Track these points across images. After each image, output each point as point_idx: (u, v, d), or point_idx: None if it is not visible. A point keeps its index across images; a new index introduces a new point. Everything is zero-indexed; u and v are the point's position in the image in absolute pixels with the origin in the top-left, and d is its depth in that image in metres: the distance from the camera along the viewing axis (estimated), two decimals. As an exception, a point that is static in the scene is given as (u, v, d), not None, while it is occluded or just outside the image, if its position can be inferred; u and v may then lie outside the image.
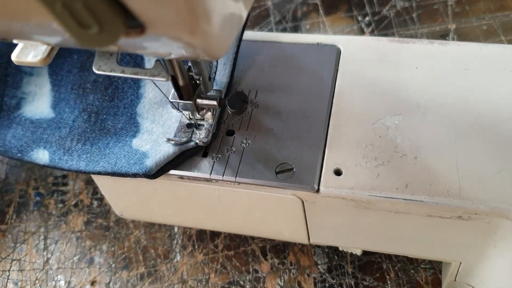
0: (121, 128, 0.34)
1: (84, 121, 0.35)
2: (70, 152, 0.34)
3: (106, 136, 0.34)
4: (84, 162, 0.33)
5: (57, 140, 0.35)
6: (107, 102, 0.35)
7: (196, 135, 0.31)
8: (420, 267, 0.39)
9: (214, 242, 0.43)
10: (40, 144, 0.35)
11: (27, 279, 0.43)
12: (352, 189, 0.28)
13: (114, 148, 0.33)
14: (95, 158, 0.33)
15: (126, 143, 0.33)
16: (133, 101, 0.35)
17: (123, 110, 0.35)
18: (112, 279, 0.42)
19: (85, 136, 0.34)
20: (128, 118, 0.34)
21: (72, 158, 0.33)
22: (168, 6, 0.15)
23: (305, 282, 0.40)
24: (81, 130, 0.34)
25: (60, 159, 0.34)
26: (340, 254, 0.41)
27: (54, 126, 0.35)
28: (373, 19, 0.55)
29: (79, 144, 0.34)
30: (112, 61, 0.26)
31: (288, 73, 0.35)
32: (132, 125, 0.34)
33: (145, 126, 0.34)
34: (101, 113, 0.35)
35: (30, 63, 0.24)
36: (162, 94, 0.34)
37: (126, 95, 0.35)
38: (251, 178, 0.30)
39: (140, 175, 0.31)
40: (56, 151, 0.34)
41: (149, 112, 0.34)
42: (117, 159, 0.32)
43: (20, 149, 0.35)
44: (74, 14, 0.14)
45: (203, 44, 0.17)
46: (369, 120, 0.31)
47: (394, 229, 0.31)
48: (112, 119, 0.35)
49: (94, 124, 0.35)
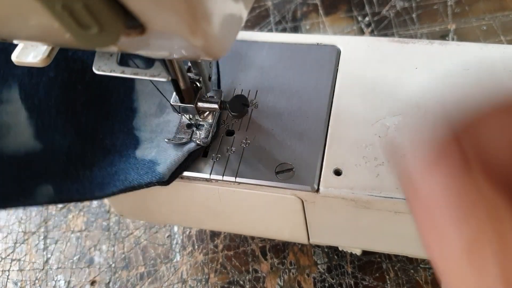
0: (120, 144, 0.33)
1: (81, 145, 0.32)
2: (78, 181, 0.31)
3: (108, 156, 0.32)
4: (97, 188, 0.30)
5: (58, 171, 0.31)
6: (101, 122, 0.33)
7: (196, 135, 0.31)
8: (420, 267, 0.39)
9: (214, 242, 0.43)
10: (39, 181, 0.30)
11: (27, 279, 0.43)
12: (352, 189, 0.28)
13: (119, 164, 0.31)
14: (107, 179, 0.31)
15: (129, 156, 0.32)
16: (128, 116, 0.34)
17: (118, 126, 0.33)
18: (112, 279, 0.42)
19: (88, 160, 0.32)
20: (125, 134, 0.33)
21: (83, 186, 0.31)
22: (168, 6, 0.15)
23: (304, 282, 0.40)
24: (80, 155, 0.32)
25: (69, 190, 0.30)
26: (339, 254, 0.41)
27: (47, 158, 0.31)
28: (373, 19, 0.55)
29: (87, 171, 0.31)
30: (112, 62, 0.26)
31: (288, 73, 0.35)
32: (131, 139, 0.33)
33: (144, 137, 0.33)
34: (96, 133, 0.33)
35: (31, 63, 0.24)
36: (156, 106, 0.34)
37: (120, 111, 0.34)
38: (251, 178, 0.30)
39: (154, 183, 0.29)
40: (61, 182, 0.31)
41: (145, 124, 0.33)
42: (126, 173, 0.31)
43: (18, 192, 0.30)
44: (74, 15, 0.14)
45: (203, 44, 0.17)
46: (369, 120, 0.31)
47: (393, 229, 0.31)
48: (110, 137, 0.33)
49: (93, 145, 0.32)
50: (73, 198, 0.30)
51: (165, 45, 0.18)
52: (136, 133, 0.33)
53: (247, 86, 0.34)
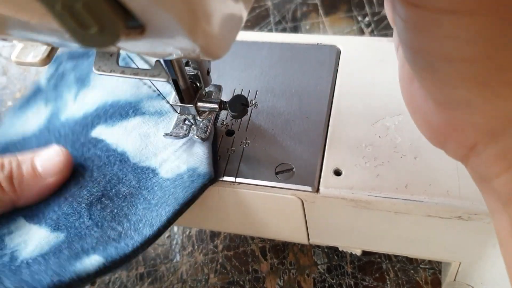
0: (137, 182, 0.31)
1: (101, 210, 0.30)
2: (124, 237, 0.28)
3: (136, 197, 0.30)
4: (147, 228, 0.28)
5: (96, 242, 0.28)
6: (103, 181, 0.32)
7: (194, 131, 0.31)
8: (420, 267, 0.39)
9: (213, 242, 0.43)
10: (78, 256, 0.28)
11: (26, 279, 0.43)
12: (351, 189, 0.28)
13: (156, 194, 0.30)
14: (152, 215, 0.29)
15: (159, 182, 0.30)
16: (122, 160, 0.32)
17: (121, 172, 0.32)
18: (112, 279, 0.42)
19: (120, 216, 0.30)
20: (134, 172, 0.31)
21: (131, 237, 0.28)
22: (168, 6, 0.15)
23: (304, 282, 0.40)
24: (109, 218, 0.30)
25: (116, 248, 0.28)
26: (339, 254, 0.41)
27: (77, 239, 0.29)
28: (373, 19, 0.55)
29: (126, 224, 0.29)
30: (112, 62, 0.26)
31: (288, 73, 0.35)
32: (144, 171, 0.31)
33: (154, 162, 0.31)
34: (107, 192, 0.31)
35: (30, 63, 0.24)
36: (139, 137, 0.33)
37: (112, 163, 0.32)
38: (251, 178, 0.30)
39: (207, 184, 0.29)
40: (106, 247, 0.28)
41: (143, 154, 0.32)
42: (173, 194, 0.29)
43: (54, 274, 0.27)
44: (74, 15, 0.14)
45: (203, 44, 0.17)
46: (368, 120, 0.31)
47: (393, 229, 0.31)
48: (122, 185, 0.31)
49: (113, 203, 0.30)
50: (126, 254, 0.27)
51: (165, 45, 0.18)
52: (142, 165, 0.32)
53: (247, 86, 0.34)
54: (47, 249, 0.29)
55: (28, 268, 0.27)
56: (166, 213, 0.28)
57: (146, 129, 0.33)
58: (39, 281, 0.26)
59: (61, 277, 0.26)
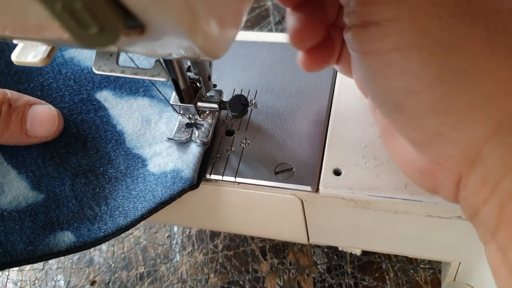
0: (126, 168, 0.31)
1: (84, 185, 0.30)
2: (98, 219, 0.29)
3: (120, 183, 0.31)
4: (121, 218, 0.29)
5: (72, 216, 0.29)
6: (94, 155, 0.31)
7: (195, 135, 0.31)
8: (420, 267, 0.39)
9: (213, 242, 0.43)
10: (53, 227, 0.29)
11: (26, 279, 0.43)
12: (351, 189, 0.28)
13: (138, 186, 0.30)
14: (129, 205, 0.29)
15: (145, 175, 0.30)
16: (118, 140, 0.32)
17: (114, 153, 0.32)
18: (112, 279, 0.42)
19: (100, 196, 0.30)
20: (125, 157, 0.31)
21: (105, 222, 0.29)
22: (168, 6, 0.15)
23: (304, 282, 0.40)
24: (90, 195, 0.30)
25: (89, 230, 0.29)
26: (339, 254, 0.41)
27: (54, 206, 0.30)
28: (373, 19, 0.55)
29: (103, 206, 0.30)
30: (112, 62, 0.26)
31: (288, 73, 0.35)
32: (135, 159, 0.31)
33: (148, 153, 0.32)
34: (95, 168, 0.31)
35: (30, 63, 0.24)
36: (139, 121, 0.33)
37: (108, 139, 0.32)
38: (250, 178, 0.30)
39: (186, 189, 0.29)
40: (80, 225, 0.29)
41: (140, 141, 0.32)
42: (152, 191, 0.29)
43: (27, 241, 0.28)
44: (74, 14, 0.14)
45: (203, 44, 0.17)
46: (368, 120, 0.31)
47: (393, 229, 0.31)
48: (111, 166, 0.31)
49: (98, 181, 0.31)
50: (97, 238, 0.28)
51: (165, 45, 0.18)
52: (136, 151, 0.32)
53: (247, 86, 0.34)
54: (24, 206, 0.29)
55: (2, 222, 0.28)
56: (142, 208, 0.29)
57: (150, 114, 0.33)
58: (12, 243, 0.27)
59: (34, 247, 0.28)
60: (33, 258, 0.28)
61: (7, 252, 0.27)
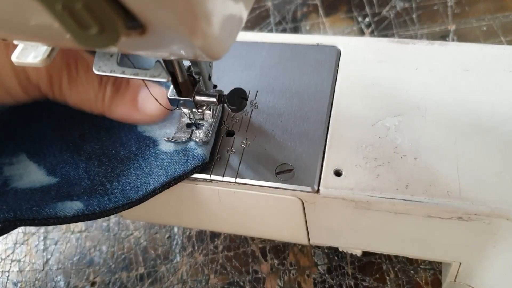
0: (137, 149, 0.32)
1: (97, 166, 0.32)
2: (109, 193, 0.30)
3: (131, 162, 0.32)
4: (132, 191, 0.30)
5: (83, 191, 0.30)
6: (107, 141, 0.33)
7: (196, 134, 0.31)
8: (420, 268, 0.39)
9: (214, 243, 0.43)
10: (63, 199, 0.30)
11: (27, 280, 0.43)
12: (352, 190, 0.28)
13: (151, 164, 0.31)
14: (141, 181, 0.30)
15: (156, 153, 0.31)
16: (130, 127, 0.33)
17: (126, 137, 0.33)
18: (112, 280, 0.42)
19: (112, 175, 0.31)
20: (137, 140, 0.33)
21: (115, 195, 0.30)
22: (168, 7, 0.15)
23: (305, 283, 0.40)
24: (102, 174, 0.31)
25: (99, 201, 0.29)
26: (340, 255, 0.41)
27: (67, 185, 0.31)
28: (373, 20, 0.55)
29: (115, 183, 0.31)
30: (112, 62, 0.26)
31: (288, 74, 0.35)
32: (146, 140, 0.33)
33: (158, 134, 0.33)
34: (108, 151, 0.33)
35: (31, 63, 0.24)
36: None
37: (120, 127, 0.33)
38: (251, 179, 0.30)
39: (199, 166, 0.30)
40: (90, 198, 0.30)
41: (150, 125, 0.33)
42: (165, 168, 0.30)
43: (34, 204, 0.29)
44: (74, 15, 0.14)
45: (203, 45, 0.17)
46: (369, 121, 0.31)
47: (394, 230, 0.31)
48: (123, 149, 0.32)
49: (110, 162, 0.32)
50: (106, 209, 0.29)
51: (165, 45, 0.18)
52: (146, 134, 0.33)
53: (247, 86, 0.34)
54: (38, 187, 0.31)
55: (14, 195, 0.30)
56: (154, 182, 0.30)
57: None
58: (19, 205, 0.28)
59: (40, 208, 0.28)
60: (38, 219, 0.28)
61: (12, 209, 0.28)
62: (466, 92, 0.31)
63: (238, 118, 0.33)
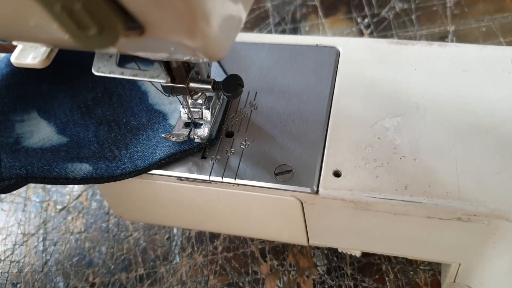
0: (147, 121, 0.33)
1: (107, 132, 0.33)
2: (117, 160, 0.31)
3: (140, 133, 0.33)
4: (139, 160, 0.31)
5: (92, 155, 0.31)
6: (118, 108, 0.34)
7: (194, 132, 0.31)
8: (420, 269, 0.39)
9: (213, 244, 0.43)
10: (73, 160, 0.31)
11: (26, 281, 0.43)
12: (351, 191, 0.28)
13: (158, 135, 0.32)
14: (148, 151, 0.31)
15: (165, 127, 0.33)
16: (141, 98, 0.35)
17: (137, 108, 0.34)
18: (111, 280, 0.42)
19: (121, 142, 0.32)
20: (147, 112, 0.34)
21: (123, 163, 0.31)
22: (167, 7, 0.15)
23: (304, 284, 0.40)
24: (111, 140, 0.32)
25: (107, 166, 0.30)
26: (339, 256, 0.41)
27: (76, 147, 0.32)
28: (372, 20, 0.55)
29: (123, 150, 0.32)
30: (111, 63, 0.26)
31: (288, 74, 0.35)
32: (156, 113, 0.34)
33: (169, 109, 0.34)
34: (118, 119, 0.34)
35: (30, 64, 0.24)
36: None
37: (132, 96, 0.35)
38: (250, 180, 0.30)
39: (205, 144, 0.31)
40: (98, 162, 0.31)
41: (161, 99, 0.34)
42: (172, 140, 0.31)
43: (45, 163, 0.30)
44: (73, 16, 0.14)
45: (202, 45, 0.17)
46: (368, 122, 0.31)
47: (393, 230, 0.31)
48: (133, 119, 0.34)
49: (120, 130, 0.33)
50: (114, 174, 0.30)
51: (164, 46, 0.18)
52: (157, 107, 0.34)
53: (246, 87, 0.34)
54: (48, 146, 0.32)
55: (26, 153, 0.31)
56: (160, 153, 0.31)
57: None
58: (31, 163, 0.30)
59: (50, 167, 0.30)
60: (48, 178, 0.29)
61: (24, 166, 0.29)
62: (465, 93, 0.31)
63: (237, 119, 0.33)
